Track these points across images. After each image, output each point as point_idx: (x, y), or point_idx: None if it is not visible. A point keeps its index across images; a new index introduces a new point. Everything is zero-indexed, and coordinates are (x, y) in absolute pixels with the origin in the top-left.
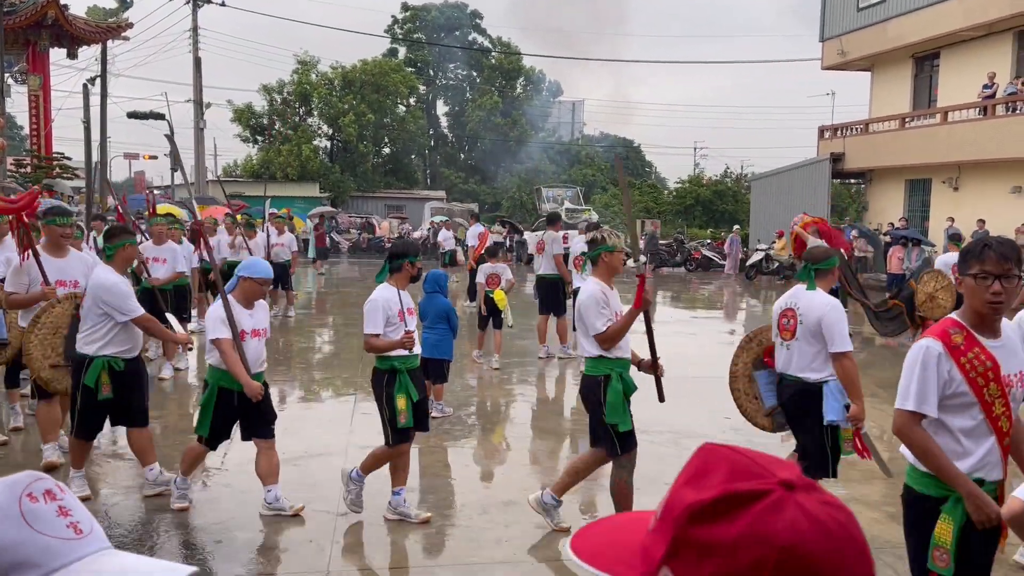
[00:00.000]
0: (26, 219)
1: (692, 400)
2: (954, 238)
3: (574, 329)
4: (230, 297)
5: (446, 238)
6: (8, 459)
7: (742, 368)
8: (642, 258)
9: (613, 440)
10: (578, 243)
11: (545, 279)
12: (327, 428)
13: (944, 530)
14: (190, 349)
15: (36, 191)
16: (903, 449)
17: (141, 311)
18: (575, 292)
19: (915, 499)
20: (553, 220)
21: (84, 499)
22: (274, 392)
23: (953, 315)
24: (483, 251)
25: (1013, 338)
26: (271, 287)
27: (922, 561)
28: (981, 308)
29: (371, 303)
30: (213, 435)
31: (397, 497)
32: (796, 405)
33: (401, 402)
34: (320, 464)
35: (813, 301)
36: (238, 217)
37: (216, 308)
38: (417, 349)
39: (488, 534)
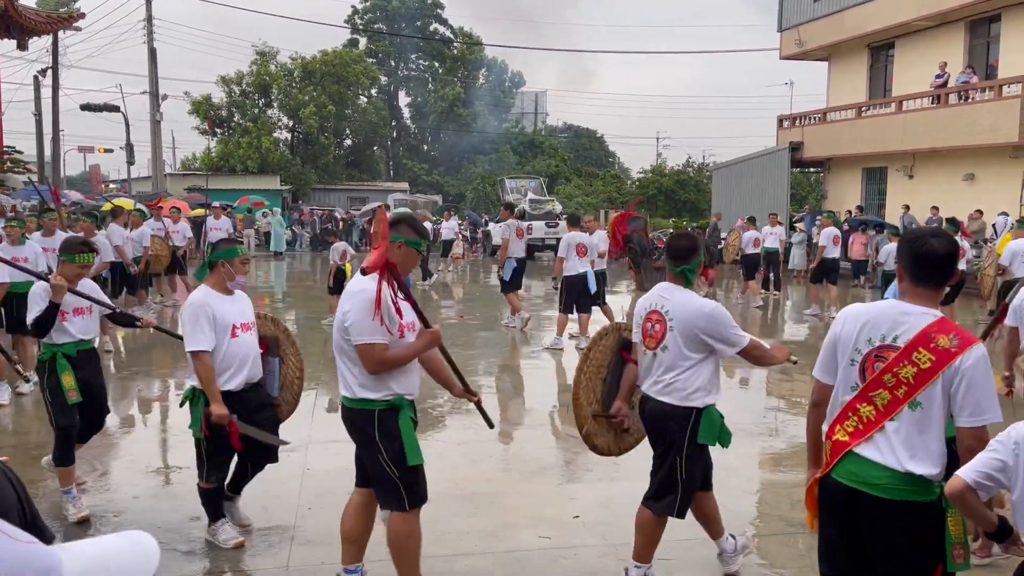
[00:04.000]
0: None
1: None
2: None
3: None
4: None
5: (447, 228)
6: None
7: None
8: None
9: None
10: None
11: (581, 278)
12: (288, 423)
13: (955, 523)
14: None
15: (383, 213)
16: None
17: (748, 337)
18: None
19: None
20: (574, 220)
21: None
22: None
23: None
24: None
25: None
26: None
27: (930, 570)
28: None
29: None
30: None
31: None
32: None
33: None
34: (281, 458)
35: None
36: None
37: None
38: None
39: (451, 525)
